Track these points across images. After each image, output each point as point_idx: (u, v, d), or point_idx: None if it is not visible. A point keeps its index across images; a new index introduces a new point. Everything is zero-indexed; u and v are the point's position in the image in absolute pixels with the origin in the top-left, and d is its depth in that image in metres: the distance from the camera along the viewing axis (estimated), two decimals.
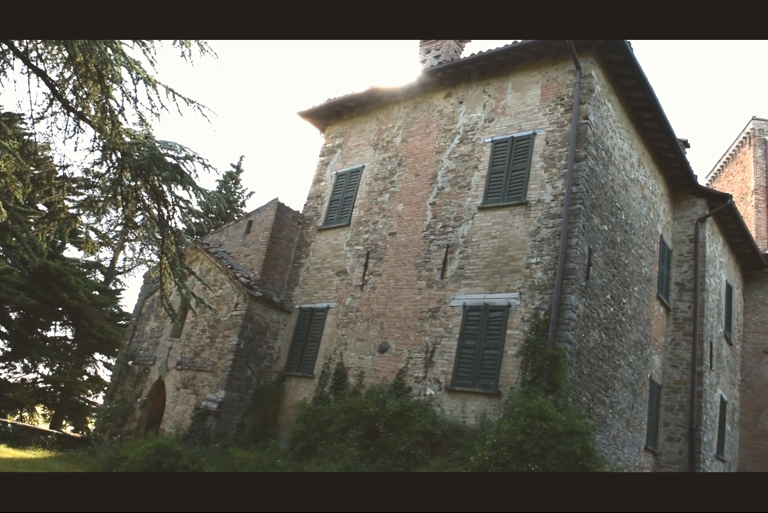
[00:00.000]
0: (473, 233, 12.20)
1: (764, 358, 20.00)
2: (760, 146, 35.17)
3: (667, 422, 14.62)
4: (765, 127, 35.78)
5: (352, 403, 11.45)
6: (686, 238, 16.13)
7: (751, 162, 35.22)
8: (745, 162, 36.38)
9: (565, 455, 8.53)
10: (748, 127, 36.39)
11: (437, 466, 9.50)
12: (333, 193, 15.36)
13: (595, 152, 11.87)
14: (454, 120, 13.68)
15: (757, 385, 19.71)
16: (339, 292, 13.88)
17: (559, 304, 10.53)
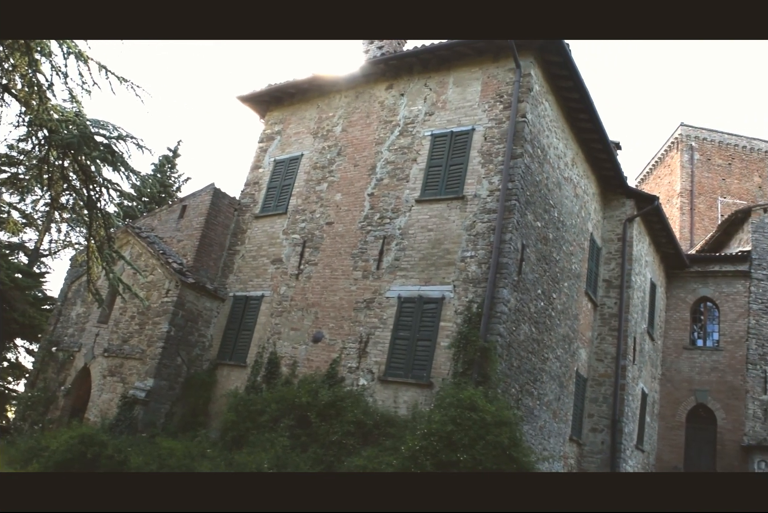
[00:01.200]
0: (410, 225, 12.28)
1: (683, 353, 20.90)
2: (687, 151, 36.56)
3: (591, 414, 15.12)
4: (692, 134, 37.20)
5: (284, 392, 11.40)
6: (615, 236, 16.65)
7: (678, 166, 36.59)
8: (672, 166, 37.76)
9: (493, 445, 8.72)
10: (677, 133, 37.76)
11: (368, 456, 9.56)
12: (271, 180, 15.18)
13: (532, 150, 12.11)
14: (394, 112, 13.72)
15: (676, 379, 20.59)
16: (274, 280, 13.76)
17: (491, 297, 10.72)
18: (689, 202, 35.29)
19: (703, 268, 21.64)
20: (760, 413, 19.45)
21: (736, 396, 19.75)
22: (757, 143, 37.77)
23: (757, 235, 21.62)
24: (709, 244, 24.62)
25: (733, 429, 19.45)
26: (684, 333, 21.23)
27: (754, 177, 36.85)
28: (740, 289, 21.10)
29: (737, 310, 20.88)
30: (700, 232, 33.66)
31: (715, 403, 19.93)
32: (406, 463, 8.86)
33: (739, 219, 22.76)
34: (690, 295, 21.60)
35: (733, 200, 35.40)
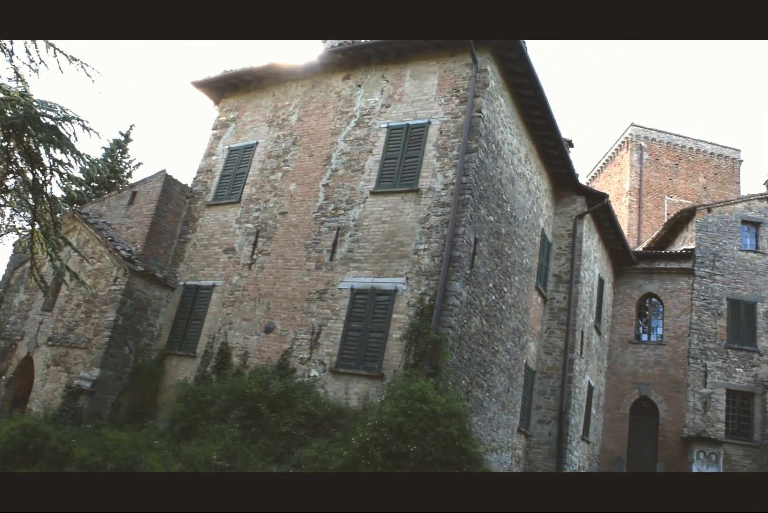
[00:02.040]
0: (364, 217, 12.27)
1: (628, 347, 21.45)
2: (637, 151, 37.39)
3: (539, 406, 15.41)
4: (642, 134, 38.06)
5: (235, 383, 11.28)
6: (565, 232, 16.96)
7: (627, 165, 37.41)
8: (622, 165, 38.59)
9: (443, 436, 8.80)
10: (627, 132, 38.59)
11: (318, 447, 9.54)
12: (224, 168, 14.94)
13: (486, 145, 12.21)
14: (351, 103, 13.66)
15: (621, 373, 21.13)
16: (226, 270, 13.59)
17: (444, 290, 10.79)
18: (637, 200, 36.15)
19: (649, 265, 22.24)
20: (699, 406, 20.11)
21: (678, 389, 20.39)
22: (703, 145, 38.86)
23: (701, 233, 22.28)
24: (655, 242, 25.29)
25: (674, 421, 20.10)
26: (630, 328, 21.79)
27: (699, 178, 37.92)
28: (684, 285, 21.75)
29: (680, 306, 21.53)
30: (647, 229, 34.54)
31: (657, 396, 20.54)
32: (356, 454, 8.88)
33: (684, 218, 23.42)
34: (636, 291, 22.18)
35: (679, 200, 36.38)
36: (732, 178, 38.61)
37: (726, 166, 38.78)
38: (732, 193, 37.34)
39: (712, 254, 21.99)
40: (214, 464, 9.60)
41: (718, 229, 22.38)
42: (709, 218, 22.58)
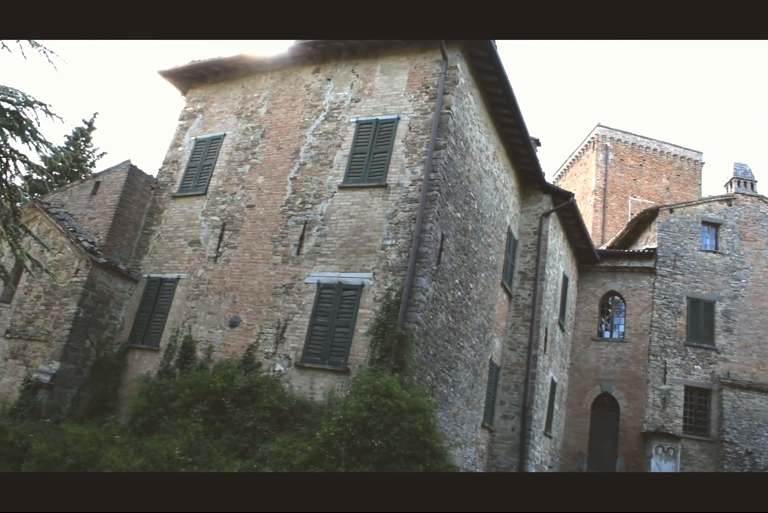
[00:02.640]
0: (332, 211, 12.23)
1: (591, 344, 21.78)
2: (602, 151, 37.93)
3: (503, 401, 15.56)
4: (608, 134, 38.61)
5: (198, 377, 11.16)
6: (531, 230, 17.13)
7: (593, 165, 37.93)
8: (588, 164, 39.10)
9: (407, 431, 8.83)
10: (594, 133, 39.10)
11: (283, 442, 9.50)
12: (191, 159, 14.74)
13: (455, 142, 12.25)
14: (320, 96, 13.58)
15: (584, 369, 21.46)
16: (191, 262, 13.42)
17: (410, 286, 10.81)
18: (602, 199, 36.68)
19: (613, 263, 22.60)
20: (659, 402, 20.53)
21: (638, 385, 20.79)
22: (667, 147, 39.57)
23: (663, 233, 22.71)
24: (618, 241, 25.71)
25: (634, 416, 20.49)
26: (592, 325, 22.13)
27: (662, 179, 38.62)
28: (645, 284, 22.16)
29: (642, 305, 21.92)
30: (611, 229, 35.07)
31: (618, 392, 20.91)
32: (320, 449, 8.86)
33: (647, 218, 23.84)
34: (599, 289, 22.53)
35: (642, 200, 37.01)
36: (694, 180, 39.39)
37: (688, 168, 39.55)
38: (693, 194, 38.10)
39: (674, 254, 22.42)
40: (177, 459, 9.50)
41: (679, 230, 22.83)
42: (671, 219, 23.02)
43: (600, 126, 38.82)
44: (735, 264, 22.49)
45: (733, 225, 23.09)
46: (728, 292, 22.08)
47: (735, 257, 22.59)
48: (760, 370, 21.05)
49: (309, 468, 8.75)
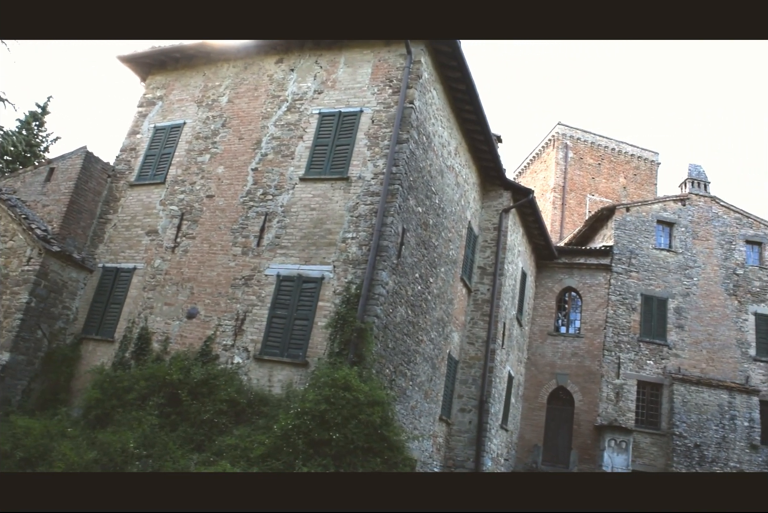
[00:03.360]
0: (293, 203, 12.14)
1: (548, 339, 22.12)
2: (562, 149, 38.47)
3: (460, 395, 15.69)
4: (568, 133, 39.18)
5: (154, 369, 10.98)
6: (491, 226, 17.28)
7: (553, 163, 38.46)
8: (548, 162, 39.62)
9: (365, 424, 8.86)
10: (554, 131, 39.62)
11: (240, 435, 9.44)
12: (149, 147, 14.44)
13: (417, 136, 12.27)
14: (283, 87, 13.45)
15: (540, 363, 21.78)
16: (148, 252, 13.17)
17: (370, 279, 10.82)
18: (561, 197, 37.22)
19: (570, 260, 22.97)
20: (612, 396, 20.97)
21: (593, 380, 21.20)
22: (625, 146, 40.34)
23: (619, 231, 23.16)
24: (576, 238, 26.14)
25: (588, 410, 20.89)
26: (549, 320, 22.46)
27: (620, 178, 39.36)
28: (601, 281, 22.58)
29: (598, 301, 22.34)
30: (569, 226, 35.64)
31: (573, 386, 21.29)
32: (278, 442, 8.84)
33: (604, 216, 24.28)
34: (557, 285, 22.88)
35: (600, 198, 37.68)
36: (650, 180, 40.25)
37: (645, 168, 40.39)
38: (649, 193, 38.94)
39: (629, 252, 22.88)
40: (131, 452, 9.36)
41: (635, 228, 23.30)
42: (628, 217, 23.47)
43: (560, 124, 39.35)
44: (687, 262, 23.06)
45: (686, 224, 23.65)
46: (680, 289, 22.63)
47: (688, 256, 23.15)
48: (709, 366, 21.64)
49: (266, 461, 8.71)
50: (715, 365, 21.68)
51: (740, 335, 22.21)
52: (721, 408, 20.74)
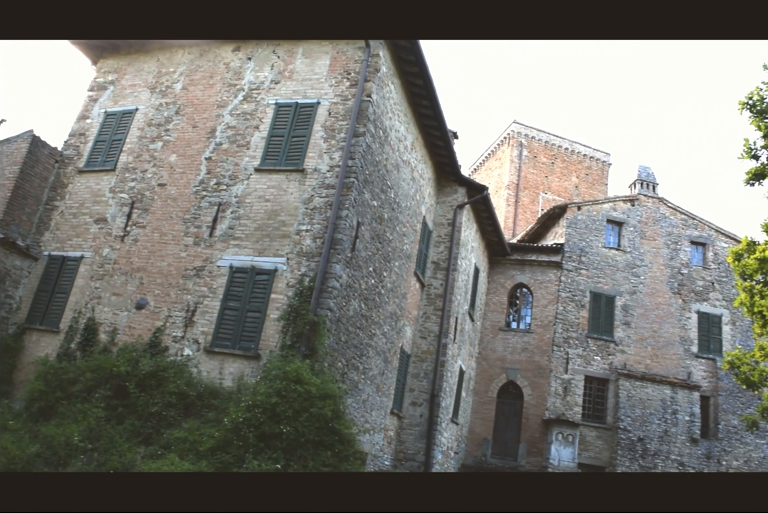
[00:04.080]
0: (247, 194, 12.00)
1: (499, 334, 22.39)
2: (517, 147, 38.94)
3: (412, 388, 15.78)
4: (523, 131, 39.68)
5: (101, 361, 10.75)
6: (446, 221, 17.39)
7: (507, 160, 38.90)
8: (503, 159, 40.05)
9: (316, 417, 8.86)
10: (509, 129, 40.07)
11: (189, 428, 9.34)
12: (99, 133, 14.06)
13: (374, 130, 12.25)
14: (240, 76, 13.26)
15: (491, 358, 22.04)
16: (96, 241, 12.84)
17: (324, 272, 10.78)
18: (515, 194, 37.70)
19: (522, 256, 23.28)
20: (560, 390, 21.36)
21: (542, 374, 21.56)
22: (578, 146, 41.06)
23: (570, 229, 23.56)
24: (529, 235, 26.49)
25: (537, 404, 21.24)
26: (501, 315, 22.74)
27: (572, 177, 40.06)
28: (552, 277, 22.95)
29: (548, 297, 22.70)
30: (522, 223, 36.13)
31: (523, 381, 21.61)
32: (228, 435, 8.77)
33: (556, 214, 24.66)
34: (509, 281, 23.16)
35: (552, 196, 38.29)
36: (601, 180, 41.08)
37: (596, 168, 41.19)
38: (600, 193, 39.74)
39: (579, 250, 23.30)
40: (76, 445, 9.18)
41: (585, 227, 23.73)
42: (579, 216, 23.89)
43: (516, 123, 39.81)
44: (635, 261, 23.60)
45: (635, 224, 24.19)
46: (628, 287, 23.16)
47: (635, 255, 23.69)
48: (654, 362, 22.22)
49: (216, 454, 8.64)
50: (659, 361, 22.27)
51: (683, 333, 22.86)
52: (663, 403, 21.34)
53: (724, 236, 24.51)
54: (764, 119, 11.47)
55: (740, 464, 21.21)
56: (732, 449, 21.37)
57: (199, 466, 8.33)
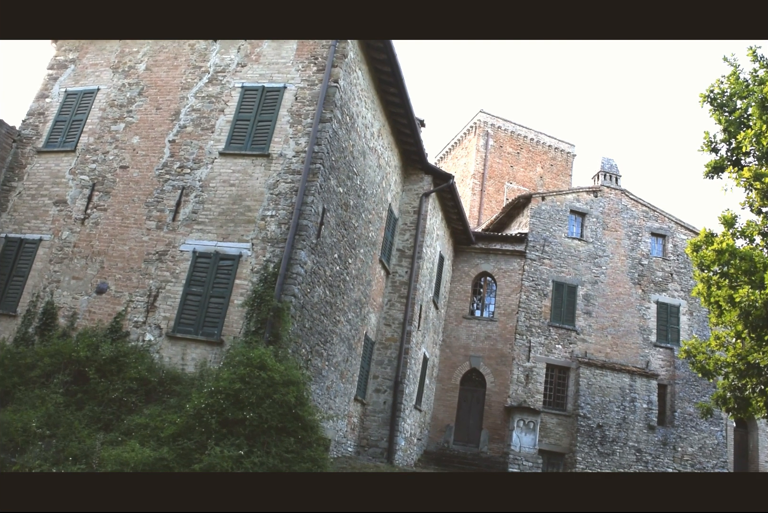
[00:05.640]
0: (212, 178, 11.84)
1: (463, 322, 22.55)
2: (483, 136, 39.09)
3: (376, 375, 15.83)
4: (489, 121, 39.82)
5: (60, 346, 10.53)
6: (411, 209, 17.40)
7: (474, 149, 39.04)
8: (469, 148, 40.18)
9: (280, 404, 8.82)
10: (476, 118, 40.18)
11: (150, 414, 9.22)
12: (59, 112, 13.69)
13: (341, 116, 12.17)
14: (205, 58, 13.03)
15: (455, 346, 22.21)
16: (56, 223, 12.55)
17: (289, 258, 10.71)
18: (481, 183, 37.89)
19: (487, 245, 23.44)
20: (522, 378, 21.63)
21: (504, 362, 21.80)
22: (543, 137, 41.38)
23: (534, 219, 23.78)
24: (493, 224, 26.67)
25: (499, 391, 21.49)
26: (465, 303, 22.90)
27: (537, 167, 40.39)
28: (516, 266, 23.16)
29: (512, 286, 22.92)
30: (487, 212, 36.35)
31: (486, 368, 21.84)
32: (190, 421, 8.68)
33: (520, 204, 24.85)
34: (473, 269, 23.31)
35: (518, 186, 38.57)
36: (565, 171, 41.50)
37: (561, 159, 41.59)
38: (564, 184, 40.17)
39: (543, 239, 23.54)
40: (33, 432, 8.99)
41: (549, 217, 23.97)
42: (543, 206, 24.11)
43: (483, 112, 39.94)
44: (597, 251, 23.94)
45: (597, 215, 24.52)
46: (590, 277, 23.49)
47: (597, 245, 24.03)
48: (614, 351, 22.63)
49: (177, 441, 8.55)
50: (619, 350, 22.69)
51: (643, 322, 23.30)
52: (622, 391, 21.77)
53: (683, 228, 24.99)
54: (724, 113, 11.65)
55: (695, 451, 21.78)
56: (687, 436, 21.92)
57: (161, 452, 8.23)
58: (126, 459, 7.93)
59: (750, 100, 11.21)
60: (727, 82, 11.69)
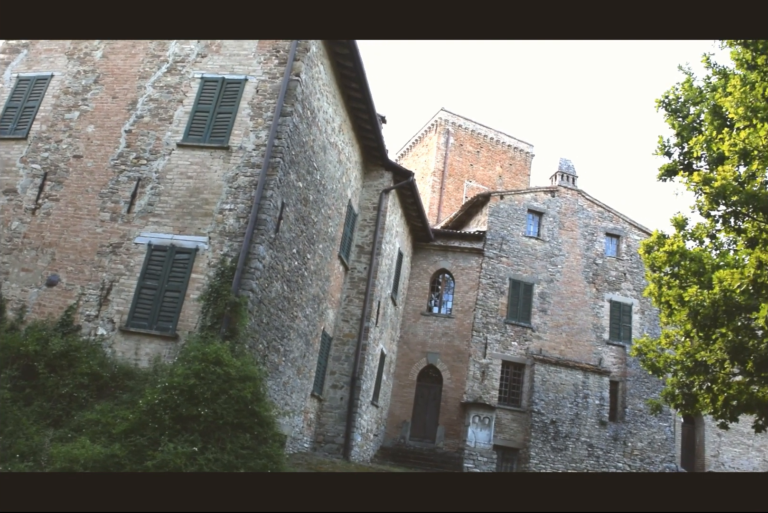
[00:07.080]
0: (169, 170, 11.62)
1: (420, 319, 22.64)
2: (444, 134, 39.28)
3: (333, 371, 15.79)
4: (450, 119, 40.04)
5: (8, 339, 10.22)
6: (371, 205, 17.40)
7: (434, 147, 39.20)
8: (430, 146, 40.33)
9: (236, 399, 8.71)
10: (437, 116, 40.35)
11: (102, 410, 9.02)
12: (10, 98, 13.23)
13: (302, 110, 12.08)
14: (164, 47, 12.77)
15: (412, 342, 22.29)
16: (5, 213, 12.13)
17: (247, 252, 10.60)
18: (440, 181, 38.09)
19: (445, 242, 23.58)
20: (478, 374, 21.83)
21: (461, 359, 21.97)
22: (503, 137, 41.77)
23: (492, 218, 23.99)
24: (452, 222, 26.83)
25: (455, 387, 21.66)
26: (423, 300, 23.00)
27: (496, 166, 40.75)
28: (474, 264, 23.34)
29: (469, 283, 23.10)
30: (447, 210, 36.55)
31: (443, 365, 21.98)
32: (143, 417, 8.51)
33: (479, 202, 25.05)
34: (432, 267, 23.43)
35: (477, 185, 38.86)
36: (524, 170, 41.97)
37: (520, 159, 42.04)
38: (523, 183, 40.62)
39: (501, 238, 23.77)
40: None
41: (507, 216, 24.22)
42: (501, 205, 24.35)
43: (444, 110, 40.12)
44: (553, 250, 24.28)
45: (554, 215, 24.86)
46: (546, 275, 23.82)
47: (554, 244, 24.37)
48: (568, 348, 22.99)
49: (130, 437, 8.37)
50: (573, 347, 23.06)
51: (596, 320, 23.73)
52: (576, 387, 22.15)
53: (636, 229, 25.51)
54: (678, 118, 11.94)
55: (644, 446, 22.28)
56: (637, 431, 22.43)
57: (112, 449, 8.06)
58: (76, 456, 7.74)
59: (702, 106, 11.53)
60: (681, 89, 12.00)
